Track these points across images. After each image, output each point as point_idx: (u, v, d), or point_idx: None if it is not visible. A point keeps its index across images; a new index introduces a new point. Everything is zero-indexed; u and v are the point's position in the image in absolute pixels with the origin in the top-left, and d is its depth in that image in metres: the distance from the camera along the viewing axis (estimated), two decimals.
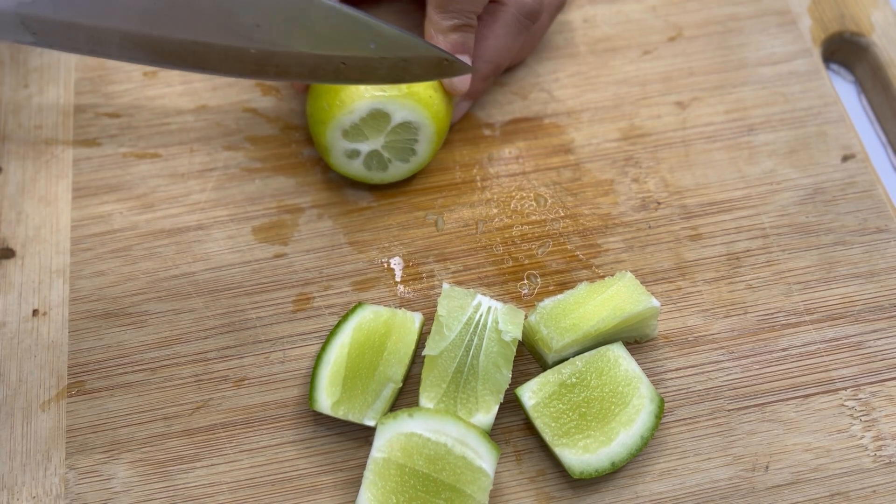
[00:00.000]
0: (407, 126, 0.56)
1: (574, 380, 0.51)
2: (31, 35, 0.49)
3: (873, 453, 0.51)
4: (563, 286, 0.57)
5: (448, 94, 0.58)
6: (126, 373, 0.54)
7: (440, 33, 0.55)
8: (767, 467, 0.51)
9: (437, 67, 0.52)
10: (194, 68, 0.51)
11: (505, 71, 0.65)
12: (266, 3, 0.47)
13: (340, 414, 0.50)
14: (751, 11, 0.68)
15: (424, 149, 0.58)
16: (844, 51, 0.68)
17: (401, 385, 0.52)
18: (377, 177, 0.59)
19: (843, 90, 0.68)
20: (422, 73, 0.52)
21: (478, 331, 0.51)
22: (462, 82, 0.57)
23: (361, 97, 0.54)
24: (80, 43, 0.49)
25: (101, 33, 0.49)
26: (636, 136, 0.63)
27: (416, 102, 0.55)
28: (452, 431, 0.48)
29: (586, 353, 0.52)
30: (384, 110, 0.54)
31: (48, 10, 0.48)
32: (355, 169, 0.58)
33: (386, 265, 0.58)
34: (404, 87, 0.54)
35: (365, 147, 0.56)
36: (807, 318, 0.56)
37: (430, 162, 0.60)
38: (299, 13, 0.48)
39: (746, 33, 0.67)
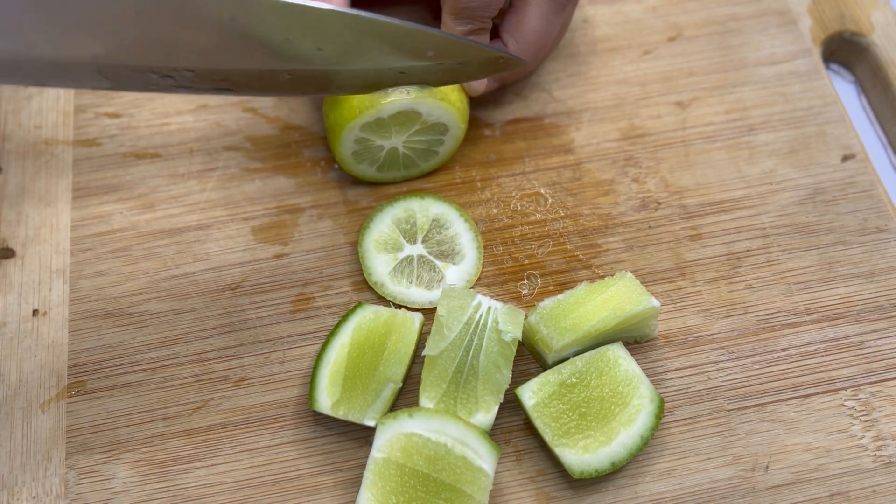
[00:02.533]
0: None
1: (574, 380, 0.51)
2: (106, 81, 0.51)
3: (873, 453, 0.51)
4: (563, 286, 0.57)
5: (466, 96, 0.59)
6: (126, 373, 0.54)
7: None
8: (767, 467, 0.51)
9: (493, 65, 0.55)
10: (262, 93, 0.54)
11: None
12: (324, 27, 0.49)
13: (340, 414, 0.50)
14: (751, 11, 0.68)
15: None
16: (844, 51, 0.68)
17: (401, 385, 0.52)
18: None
19: (843, 90, 0.68)
20: (477, 73, 0.55)
21: (478, 331, 0.51)
22: (479, 83, 0.59)
23: (393, 97, 0.54)
24: (154, 83, 0.51)
25: (174, 73, 0.51)
26: (636, 136, 0.63)
27: (450, 105, 0.56)
28: (452, 431, 0.48)
29: (586, 353, 0.52)
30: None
31: (123, 57, 0.50)
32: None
33: None
34: (438, 94, 0.55)
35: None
36: (807, 318, 0.56)
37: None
38: (357, 33, 0.50)
39: (746, 33, 0.67)
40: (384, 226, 0.58)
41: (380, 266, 0.56)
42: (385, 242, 0.57)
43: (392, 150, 0.58)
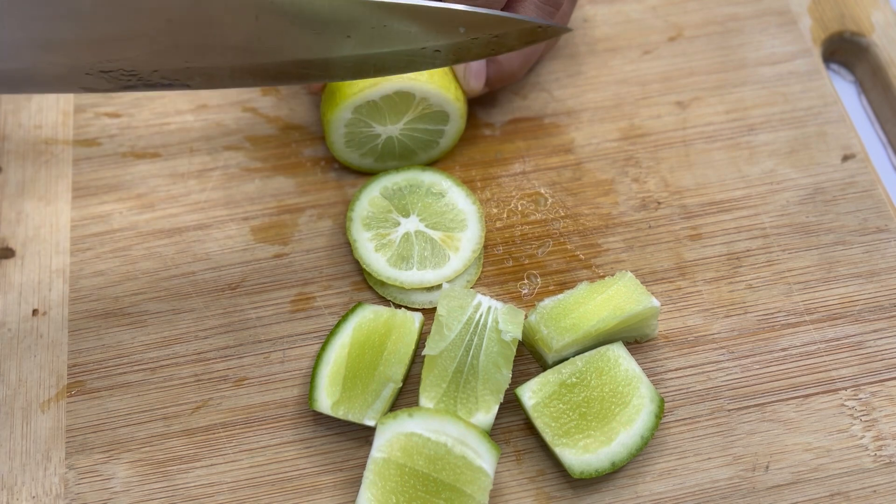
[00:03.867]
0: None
1: (574, 380, 0.51)
2: (139, 81, 0.52)
3: (873, 453, 0.51)
4: (563, 286, 0.57)
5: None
6: (126, 373, 0.54)
7: None
8: (767, 467, 0.51)
9: (532, 34, 0.52)
10: (298, 82, 0.53)
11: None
12: (350, 16, 0.49)
13: (340, 414, 0.50)
14: (751, 11, 0.68)
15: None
16: (844, 51, 0.68)
17: (401, 385, 0.52)
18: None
19: (843, 90, 0.68)
20: (517, 44, 0.53)
21: (478, 330, 0.51)
22: (477, 81, 0.58)
23: (388, 79, 0.54)
24: (195, 81, 0.52)
25: (213, 70, 0.51)
26: (636, 136, 0.63)
27: (443, 88, 0.56)
28: (452, 431, 0.48)
29: (586, 353, 0.52)
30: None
31: (156, 62, 0.50)
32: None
33: None
34: (434, 81, 0.56)
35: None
36: (807, 318, 0.56)
37: (434, 159, 0.61)
38: (384, 18, 0.50)
39: (746, 33, 0.67)
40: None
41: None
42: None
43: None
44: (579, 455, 0.49)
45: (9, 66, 0.50)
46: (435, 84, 0.55)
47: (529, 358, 0.55)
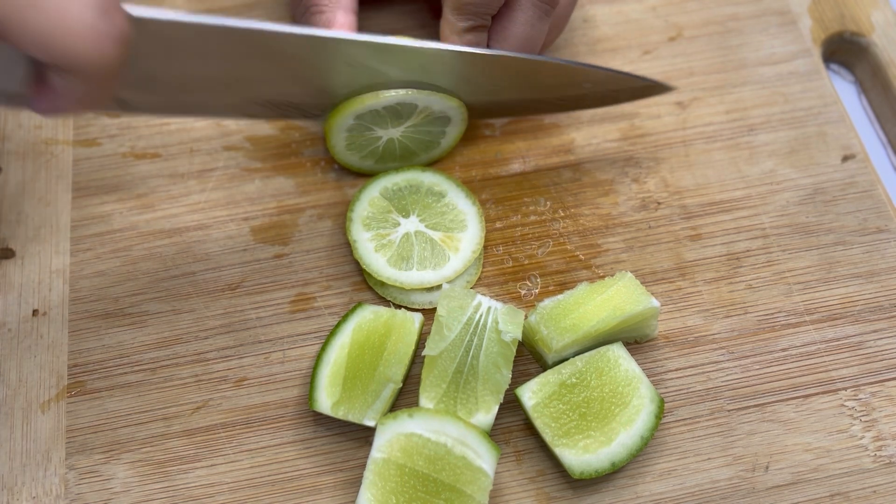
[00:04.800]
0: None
1: (574, 380, 0.51)
2: (298, 112, 0.58)
3: (873, 453, 0.51)
4: (563, 286, 0.57)
5: None
6: (126, 373, 0.54)
7: (455, 34, 0.56)
8: (767, 467, 0.51)
9: (643, 91, 0.60)
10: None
11: None
12: (513, 70, 0.56)
13: (340, 414, 0.50)
14: (751, 11, 0.68)
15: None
16: (844, 51, 0.68)
17: (401, 385, 0.52)
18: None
19: (843, 90, 0.68)
20: (630, 98, 0.61)
21: (478, 331, 0.51)
22: None
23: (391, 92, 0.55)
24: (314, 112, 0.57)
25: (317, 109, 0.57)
26: (636, 136, 0.63)
27: (451, 101, 0.56)
28: (452, 431, 0.48)
29: (586, 354, 0.52)
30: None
31: (327, 99, 0.55)
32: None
33: None
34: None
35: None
36: (807, 318, 0.56)
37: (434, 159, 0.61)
38: (530, 72, 0.56)
39: (746, 33, 0.67)
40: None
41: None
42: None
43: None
44: (579, 455, 0.49)
45: (195, 98, 0.53)
46: (438, 94, 0.55)
47: (529, 358, 0.55)
